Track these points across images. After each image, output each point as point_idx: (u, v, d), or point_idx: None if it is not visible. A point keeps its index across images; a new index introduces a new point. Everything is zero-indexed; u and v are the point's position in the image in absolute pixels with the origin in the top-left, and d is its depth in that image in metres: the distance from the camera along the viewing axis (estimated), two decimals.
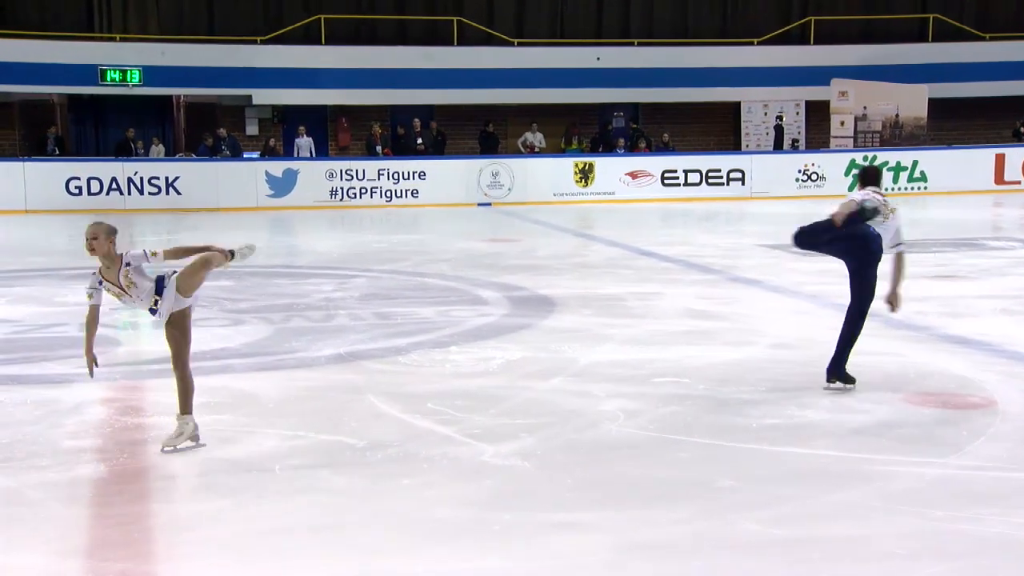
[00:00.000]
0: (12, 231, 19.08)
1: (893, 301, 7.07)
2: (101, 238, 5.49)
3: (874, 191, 6.96)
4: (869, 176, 7.16)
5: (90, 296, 5.55)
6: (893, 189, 25.62)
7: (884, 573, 4.15)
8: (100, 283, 5.57)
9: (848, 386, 6.89)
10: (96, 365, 5.58)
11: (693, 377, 7.27)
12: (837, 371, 6.94)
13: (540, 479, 5.26)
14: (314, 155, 25.53)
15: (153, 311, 5.65)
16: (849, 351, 6.94)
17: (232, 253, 5.92)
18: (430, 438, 5.92)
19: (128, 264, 5.55)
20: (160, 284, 5.63)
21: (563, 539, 4.48)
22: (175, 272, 5.72)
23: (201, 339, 8.71)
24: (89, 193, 22.69)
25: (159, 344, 8.65)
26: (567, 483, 5.19)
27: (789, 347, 8.28)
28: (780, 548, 4.39)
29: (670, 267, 13.08)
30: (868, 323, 6.94)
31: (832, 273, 11.06)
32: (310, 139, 25.81)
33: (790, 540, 4.47)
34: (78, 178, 22.76)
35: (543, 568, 4.21)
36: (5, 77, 25.17)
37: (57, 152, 24.81)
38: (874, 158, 25.75)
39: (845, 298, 6.97)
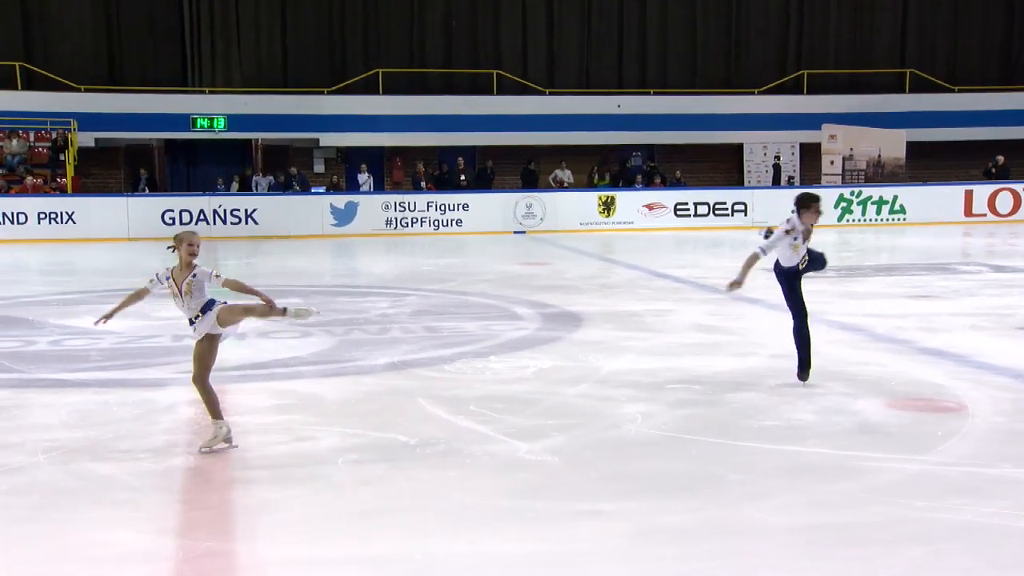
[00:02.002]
0: (117, 255, 19.29)
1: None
2: (197, 247, 5.48)
3: (790, 225, 7.26)
4: (800, 201, 7.35)
5: (151, 281, 5.55)
6: (876, 220, 25.43)
7: (871, 556, 4.10)
8: (167, 278, 5.54)
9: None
10: (104, 323, 5.58)
11: (703, 384, 7.23)
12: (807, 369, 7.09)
13: (568, 472, 5.24)
14: (372, 189, 25.65)
15: (192, 323, 5.58)
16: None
17: (285, 310, 5.71)
18: (472, 436, 5.90)
19: (195, 275, 5.54)
20: (208, 306, 5.56)
21: (589, 525, 4.45)
22: (224, 303, 5.61)
23: (273, 349, 8.82)
24: (181, 223, 22.91)
25: (240, 353, 8.76)
26: (592, 476, 5.16)
27: (787, 357, 8.17)
28: (780, 534, 4.35)
29: (682, 287, 13.02)
30: (854, 336, 6.89)
31: (824, 293, 11.00)
32: (370, 176, 25.92)
33: (789, 527, 4.43)
34: (172, 210, 22.99)
35: (571, 550, 4.19)
36: (113, 125, 25.60)
37: (147, 190, 25.03)
38: (858, 192, 25.60)
39: (836, 315, 6.95)
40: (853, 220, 25.44)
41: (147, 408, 6.57)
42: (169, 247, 5.57)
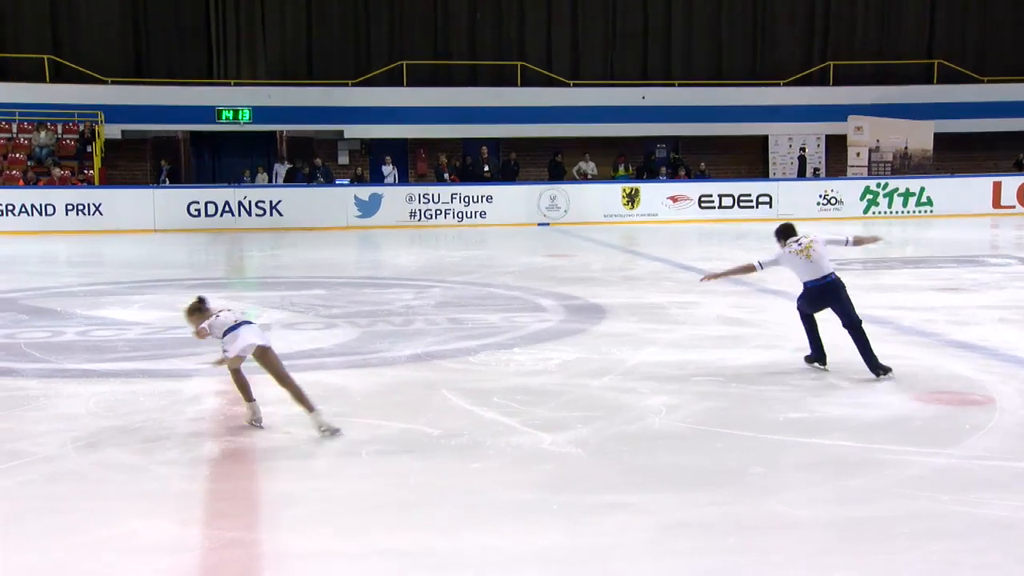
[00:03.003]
0: (143, 247, 19.42)
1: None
2: (192, 325, 5.86)
3: (790, 245, 7.31)
4: (786, 232, 7.47)
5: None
6: (903, 212, 25.23)
7: (896, 550, 4.07)
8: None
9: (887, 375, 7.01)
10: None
11: (727, 376, 7.20)
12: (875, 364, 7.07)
13: (592, 465, 5.23)
14: (397, 181, 25.69)
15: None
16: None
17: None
18: (496, 428, 5.91)
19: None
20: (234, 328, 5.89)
21: (613, 518, 4.44)
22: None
23: (298, 341, 8.85)
24: (206, 215, 23.04)
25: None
26: (616, 469, 5.15)
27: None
28: (805, 527, 4.33)
29: (706, 282, 12.93)
30: (882, 329, 6.86)
31: (849, 286, 10.90)
32: (395, 168, 25.95)
33: (814, 521, 4.40)
34: (197, 202, 23.11)
35: (595, 543, 4.18)
36: (139, 117, 25.78)
37: (167, 182, 24.98)
38: (884, 184, 25.38)
39: (864, 308, 6.95)
40: (879, 212, 25.25)
41: (173, 398, 6.61)
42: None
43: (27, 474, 5.10)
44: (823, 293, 7.21)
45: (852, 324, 7.08)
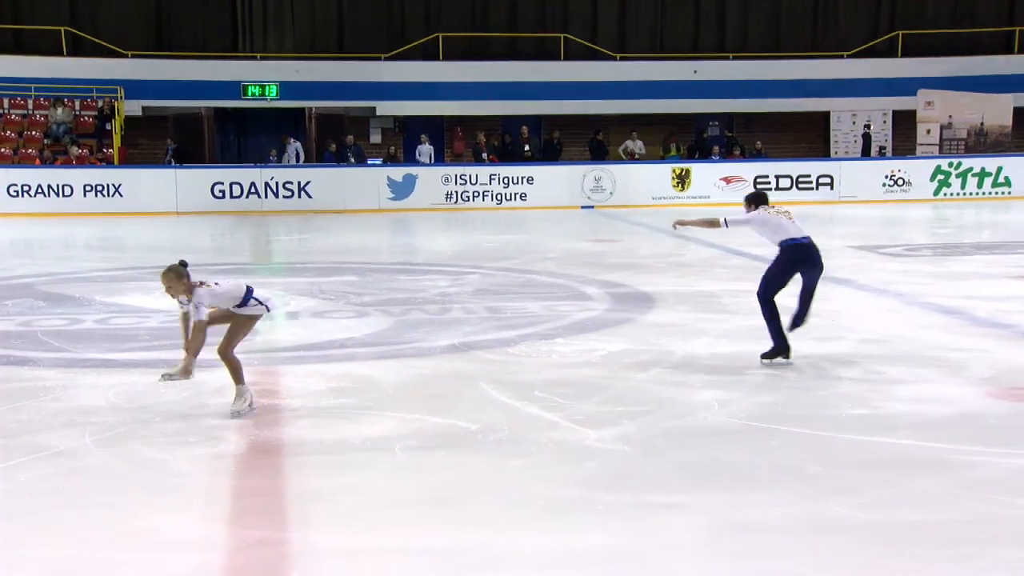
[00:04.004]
0: (165, 231, 19.64)
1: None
2: (174, 285, 5.82)
3: (765, 209, 7.41)
4: (760, 198, 7.55)
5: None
6: (978, 193, 24.88)
7: (965, 556, 4.04)
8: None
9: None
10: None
11: (783, 369, 7.17)
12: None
13: (640, 462, 5.24)
14: (432, 161, 25.74)
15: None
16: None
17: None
18: (537, 423, 5.92)
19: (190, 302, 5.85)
20: (248, 293, 6.09)
21: (661, 518, 4.45)
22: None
23: (329, 330, 8.93)
24: (231, 196, 23.23)
25: (293, 333, 8.89)
26: (665, 467, 5.16)
27: (876, 342, 8.10)
28: (865, 530, 4.30)
29: (762, 266, 12.79)
30: (952, 320, 6.80)
31: (918, 273, 10.79)
32: (431, 147, 25.99)
33: (874, 523, 4.38)
34: (222, 183, 23.30)
35: (642, 545, 4.19)
36: (161, 93, 26.01)
37: (173, 162, 25.00)
38: (957, 164, 25.04)
39: (933, 297, 6.84)
40: (951, 194, 24.92)
41: (197, 390, 6.68)
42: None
43: (45, 468, 5.19)
44: (802, 251, 7.29)
45: (813, 287, 7.30)
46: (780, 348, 7.31)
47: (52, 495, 4.84)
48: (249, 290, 6.06)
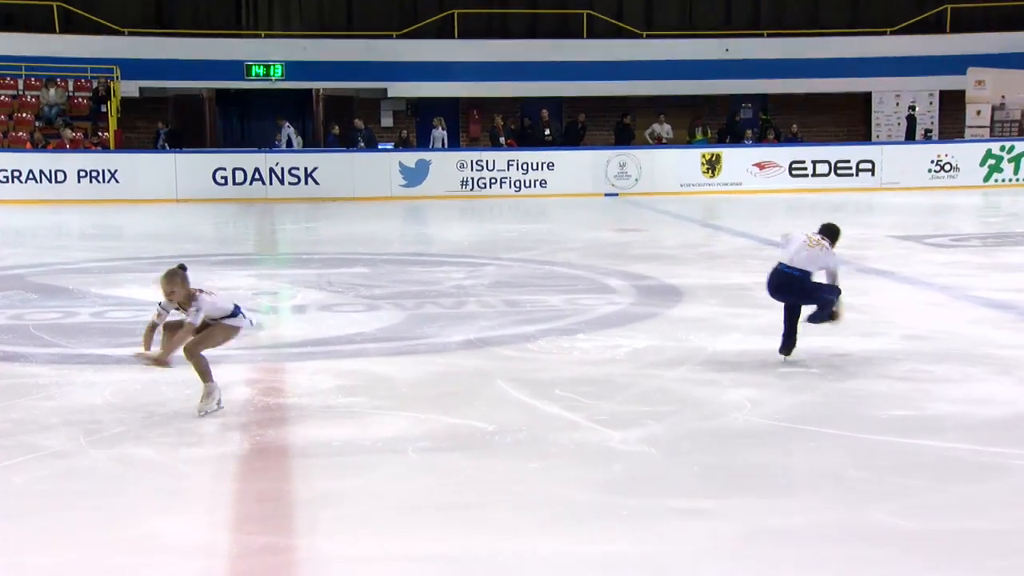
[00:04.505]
0: (164, 219, 19.72)
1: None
2: (177, 290, 5.87)
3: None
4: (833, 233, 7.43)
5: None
6: None
7: (1016, 568, 4.03)
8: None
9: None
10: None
11: (821, 367, 7.15)
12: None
13: (666, 466, 5.24)
14: (446, 146, 25.74)
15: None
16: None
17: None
18: (558, 423, 5.93)
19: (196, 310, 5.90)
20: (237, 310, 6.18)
21: (689, 525, 4.45)
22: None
23: (337, 324, 8.95)
24: (234, 183, 23.31)
25: (299, 328, 8.92)
26: (693, 470, 5.15)
27: (921, 339, 8.07)
28: (910, 540, 4.29)
29: None
30: (1003, 315, 6.76)
31: (966, 265, 10.73)
32: (444, 131, 25.99)
33: (921, 532, 4.36)
34: (224, 168, 23.38)
35: (670, 553, 4.19)
36: (159, 73, 26.09)
37: (167, 147, 25.08)
38: (1010, 148, 24.87)
39: (982, 290, 6.81)
40: (1003, 180, 24.77)
41: (197, 388, 6.70)
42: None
43: (38, 470, 5.23)
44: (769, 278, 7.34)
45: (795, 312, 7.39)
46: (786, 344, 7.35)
47: (47, 499, 4.87)
48: (237, 308, 6.19)
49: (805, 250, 7.20)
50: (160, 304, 6.00)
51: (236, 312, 6.15)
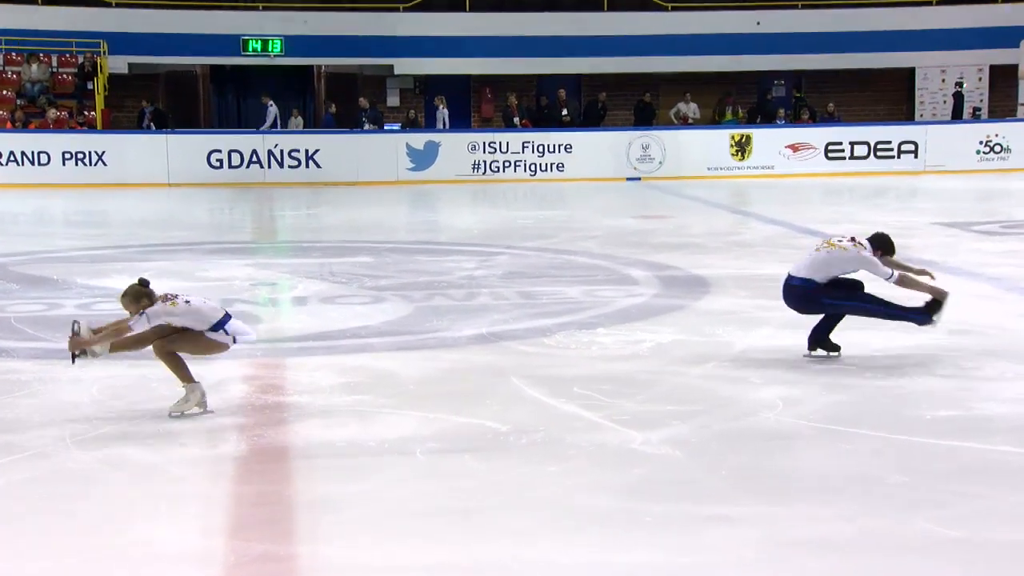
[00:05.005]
0: (155, 204, 19.77)
1: None
2: (129, 308, 5.96)
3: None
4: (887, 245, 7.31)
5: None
6: None
7: None
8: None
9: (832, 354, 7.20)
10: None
11: (859, 364, 7.13)
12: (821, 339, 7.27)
13: (693, 469, 5.23)
14: (447, 127, 25.60)
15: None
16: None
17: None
18: (576, 423, 5.93)
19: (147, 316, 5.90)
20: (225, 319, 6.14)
21: (718, 533, 4.44)
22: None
23: (340, 317, 8.96)
24: (230, 166, 23.36)
25: (298, 322, 8.94)
26: (721, 474, 5.15)
27: (969, 333, 8.04)
28: (956, 551, 4.27)
29: None
30: None
31: (1017, 254, 10.71)
32: (447, 110, 25.83)
33: (968, 542, 4.34)
34: (219, 151, 23.43)
35: (696, 563, 4.19)
36: (150, 48, 26.07)
37: (153, 127, 25.08)
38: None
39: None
40: None
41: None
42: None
43: (19, 472, 5.24)
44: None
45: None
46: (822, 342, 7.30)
47: (28, 503, 4.88)
48: (226, 316, 6.14)
49: (811, 254, 7.16)
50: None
51: (219, 326, 6.09)
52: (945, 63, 28.33)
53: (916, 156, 24.65)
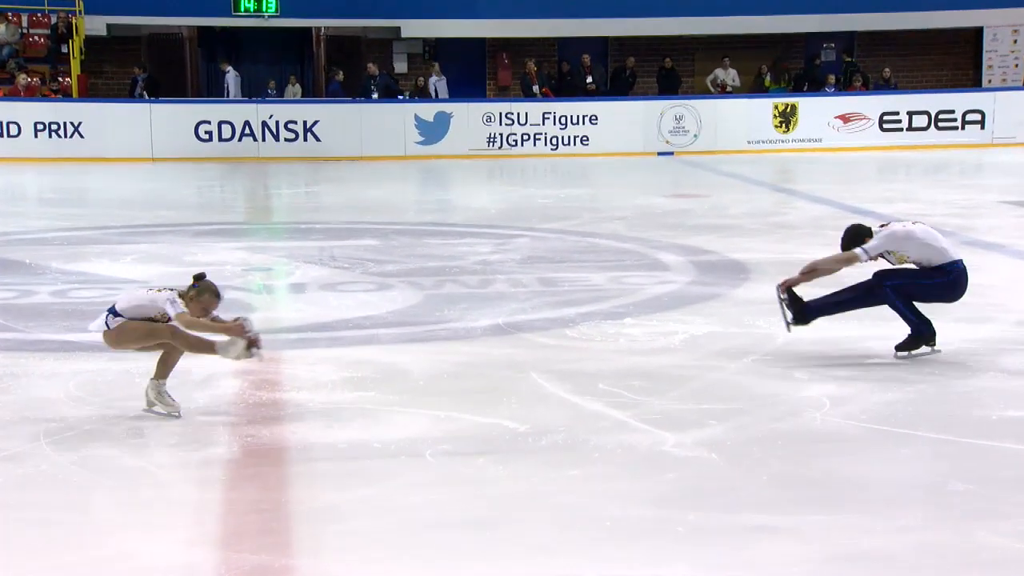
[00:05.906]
0: (138, 182, 19.81)
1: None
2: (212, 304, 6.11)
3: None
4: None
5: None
6: None
7: None
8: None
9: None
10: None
11: (916, 359, 7.11)
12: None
13: (731, 474, 5.23)
14: (436, 96, 25.38)
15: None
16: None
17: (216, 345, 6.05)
18: (602, 423, 5.94)
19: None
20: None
21: (759, 546, 4.45)
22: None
23: (343, 306, 8.98)
24: (220, 139, 23.36)
25: (297, 311, 8.95)
26: (763, 480, 5.15)
27: None
28: (1022, 564, 4.27)
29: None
30: None
31: None
32: (443, 77, 25.61)
33: None
34: (208, 122, 23.44)
35: None
36: (130, 8, 25.97)
37: (145, 95, 25.08)
38: None
39: None
40: None
41: (179, 380, 6.72)
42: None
43: None
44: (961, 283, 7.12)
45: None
46: (922, 334, 7.14)
47: (0, 511, 4.92)
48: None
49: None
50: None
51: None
52: (1017, 22, 28.11)
53: (983, 127, 24.52)
